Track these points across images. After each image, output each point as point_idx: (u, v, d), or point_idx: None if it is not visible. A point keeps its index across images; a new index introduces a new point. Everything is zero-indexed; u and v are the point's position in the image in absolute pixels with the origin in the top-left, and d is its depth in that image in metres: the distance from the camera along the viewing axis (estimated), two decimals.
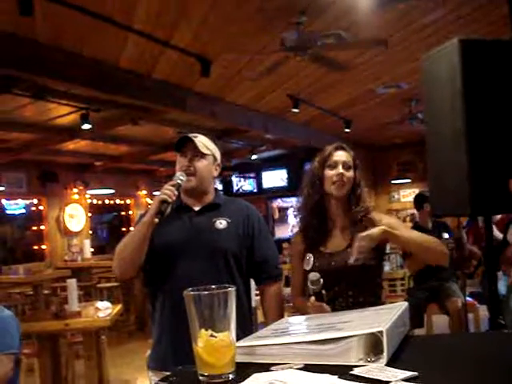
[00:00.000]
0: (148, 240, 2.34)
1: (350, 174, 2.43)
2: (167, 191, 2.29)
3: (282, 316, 2.50)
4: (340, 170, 2.40)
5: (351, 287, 2.32)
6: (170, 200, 2.27)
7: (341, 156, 2.45)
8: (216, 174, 2.58)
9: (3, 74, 5.26)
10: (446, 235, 5.72)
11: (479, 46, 2.45)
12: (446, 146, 2.53)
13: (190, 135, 2.46)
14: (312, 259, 2.36)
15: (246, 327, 2.30)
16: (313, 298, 2.10)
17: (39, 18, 4.34)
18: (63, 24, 4.63)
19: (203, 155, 2.47)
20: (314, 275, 2.11)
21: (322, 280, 2.10)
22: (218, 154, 2.58)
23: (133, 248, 2.37)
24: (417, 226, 6.06)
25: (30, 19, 4.26)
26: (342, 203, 2.45)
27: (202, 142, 2.49)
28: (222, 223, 2.45)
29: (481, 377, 1.08)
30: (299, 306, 2.45)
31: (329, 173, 2.42)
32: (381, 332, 1.14)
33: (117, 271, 2.48)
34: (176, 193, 2.31)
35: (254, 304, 3.80)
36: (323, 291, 2.11)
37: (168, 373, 2.25)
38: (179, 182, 2.37)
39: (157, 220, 2.27)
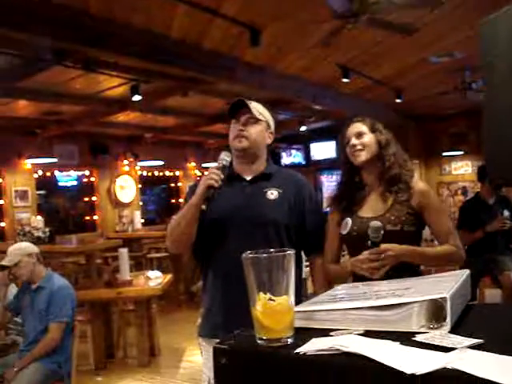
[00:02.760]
0: (197, 221, 2.37)
1: (364, 139, 2.43)
2: (213, 175, 2.29)
3: (330, 286, 2.48)
4: (352, 141, 2.41)
5: None
6: (216, 185, 2.27)
7: (352, 128, 2.47)
8: (269, 141, 2.57)
9: (54, 47, 5.32)
10: (506, 213, 5.56)
11: None
12: (505, 114, 2.44)
13: (245, 100, 2.44)
14: (350, 223, 2.35)
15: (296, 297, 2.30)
16: (366, 252, 2.13)
17: None
18: None
19: (257, 121, 2.46)
20: (375, 223, 2.10)
21: (383, 231, 2.08)
22: (271, 122, 2.56)
23: (183, 227, 2.40)
24: (477, 199, 5.93)
25: None
26: (370, 169, 2.44)
27: (256, 107, 2.47)
28: (273, 193, 2.45)
29: None
30: (336, 272, 2.45)
31: (347, 148, 2.45)
32: (444, 298, 1.11)
33: (171, 248, 2.58)
34: (222, 176, 2.31)
35: (304, 275, 3.80)
36: (381, 244, 2.12)
37: (217, 340, 2.31)
38: (224, 163, 2.38)
39: (204, 207, 2.29)
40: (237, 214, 2.40)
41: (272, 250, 1.17)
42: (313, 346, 1.06)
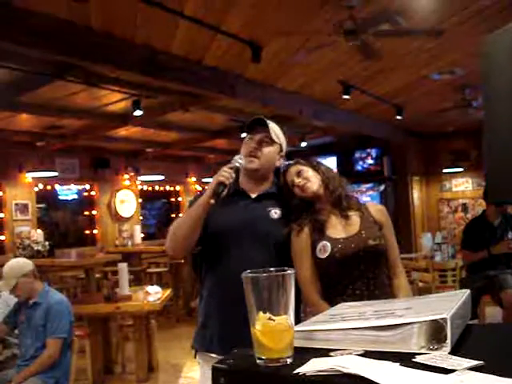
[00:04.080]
0: (202, 221, 2.37)
1: (305, 174, 2.48)
2: (225, 173, 2.31)
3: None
4: (295, 181, 2.47)
5: (370, 269, 2.33)
6: (227, 182, 2.29)
7: (290, 171, 2.53)
8: (278, 164, 2.58)
9: (56, 61, 5.35)
10: (510, 235, 5.56)
11: None
12: (505, 132, 2.45)
13: (265, 118, 2.47)
14: (329, 246, 2.33)
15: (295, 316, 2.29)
16: None
17: (93, 4, 4.39)
18: (116, 11, 4.67)
19: (272, 142, 2.48)
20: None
21: None
22: (284, 145, 2.59)
23: (187, 228, 2.40)
24: (482, 218, 5.91)
25: (85, 6, 4.33)
26: (321, 198, 2.47)
27: (274, 129, 2.51)
28: (276, 213, 2.46)
29: None
30: (321, 308, 2.22)
31: (294, 190, 2.50)
32: (444, 319, 1.10)
33: (170, 250, 2.55)
34: (233, 175, 2.33)
35: None
36: None
37: (213, 354, 2.33)
38: (237, 164, 2.39)
39: (212, 201, 2.29)
40: (239, 229, 2.41)
41: (272, 269, 1.17)
42: (312, 367, 1.05)
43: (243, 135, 2.53)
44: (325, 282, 2.36)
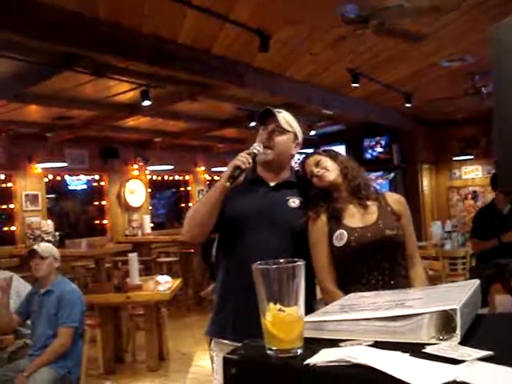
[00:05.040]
0: (219, 205, 2.39)
1: (323, 164, 2.49)
2: (242, 158, 2.33)
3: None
4: (314, 171, 2.49)
5: (386, 259, 2.33)
6: (243, 166, 2.30)
7: (308, 161, 2.54)
8: (295, 152, 2.59)
9: (64, 52, 5.35)
10: None
11: None
12: None
13: (274, 109, 2.48)
14: (345, 234, 2.34)
15: (308, 305, 2.29)
16: None
17: None
18: (123, 1, 4.67)
19: (284, 131, 2.49)
20: None
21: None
22: (299, 133, 2.59)
23: (204, 212, 2.41)
24: (491, 207, 5.89)
25: None
26: (339, 188, 2.48)
27: (285, 118, 2.51)
28: (295, 202, 2.47)
29: None
30: (336, 296, 2.21)
31: (313, 180, 2.53)
32: (454, 310, 1.10)
33: (187, 235, 2.55)
34: (250, 161, 2.34)
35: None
36: None
37: (226, 341, 2.34)
38: (255, 151, 2.41)
39: (228, 184, 2.30)
40: (257, 216, 2.42)
41: (282, 260, 1.17)
42: (322, 358, 1.06)
43: (252, 124, 2.55)
44: (340, 271, 2.37)
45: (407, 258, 2.45)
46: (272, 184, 2.52)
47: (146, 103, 7.07)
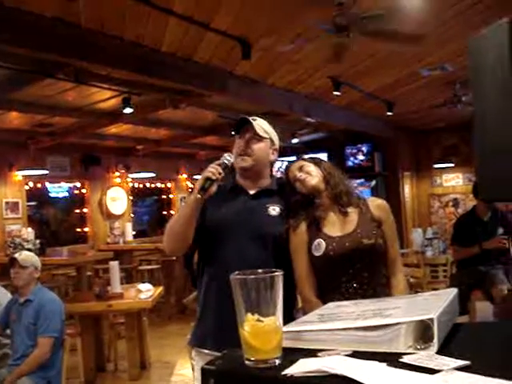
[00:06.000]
0: (195, 217, 2.38)
1: (306, 168, 2.49)
2: (212, 169, 2.33)
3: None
4: (297, 175, 2.49)
5: (365, 268, 2.33)
6: (213, 177, 2.30)
7: (293, 166, 2.55)
8: (273, 158, 2.60)
9: (46, 59, 5.32)
10: (500, 230, 5.58)
11: None
12: (494, 130, 2.46)
13: (249, 118, 2.49)
14: (323, 244, 2.34)
15: (288, 314, 2.30)
16: None
17: (82, 2, 4.37)
18: (105, 8, 4.65)
19: (260, 138, 2.49)
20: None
21: None
22: (275, 139, 2.60)
23: (180, 225, 2.42)
24: (472, 214, 5.93)
25: (75, 4, 4.31)
26: (321, 193, 2.47)
27: (261, 125, 2.52)
28: (275, 209, 2.48)
29: None
30: (314, 305, 2.25)
31: (296, 185, 2.53)
32: (431, 319, 1.11)
33: (167, 248, 2.57)
34: (221, 171, 2.34)
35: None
36: None
37: (207, 351, 2.33)
38: (226, 162, 2.40)
39: (199, 196, 2.30)
40: (237, 225, 2.43)
41: (260, 270, 1.17)
42: (300, 368, 1.06)
43: (234, 132, 2.55)
44: (319, 279, 2.38)
45: (388, 265, 2.44)
46: (252, 192, 2.52)
47: (128, 111, 7.05)
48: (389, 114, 9.26)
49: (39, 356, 3.97)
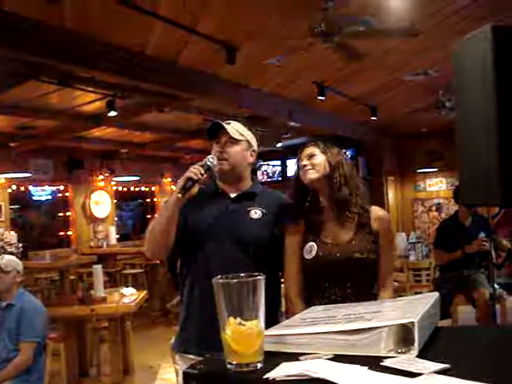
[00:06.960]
0: (175, 218, 2.37)
1: (314, 160, 2.43)
2: (194, 169, 2.33)
3: None
4: (303, 162, 2.43)
5: (351, 278, 2.31)
6: (195, 178, 2.31)
7: (305, 151, 2.48)
8: (252, 160, 2.58)
9: (30, 61, 5.29)
10: (482, 234, 5.62)
11: None
12: (476, 136, 2.47)
13: (222, 122, 2.47)
14: (315, 248, 2.33)
15: (272, 317, 2.30)
16: None
17: (66, 5, 4.36)
18: (89, 11, 4.63)
19: (236, 141, 2.48)
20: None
21: None
22: (253, 140, 2.57)
23: (161, 227, 2.40)
24: (454, 219, 5.97)
25: (58, 6, 4.29)
26: (322, 190, 2.43)
27: (235, 128, 2.50)
28: (256, 213, 2.46)
29: None
30: (296, 307, 2.32)
31: (300, 170, 2.48)
32: (412, 323, 1.12)
33: (148, 252, 2.55)
34: (203, 172, 2.34)
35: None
36: None
37: (191, 356, 2.32)
38: (208, 163, 2.40)
39: (180, 195, 2.30)
40: (218, 229, 2.41)
41: (242, 274, 1.17)
42: (282, 372, 1.06)
43: (209, 137, 2.53)
44: (306, 282, 2.38)
45: (378, 279, 2.39)
46: (233, 195, 2.51)
47: (112, 114, 7.03)
48: (373, 118, 9.31)
49: (21, 361, 3.94)
